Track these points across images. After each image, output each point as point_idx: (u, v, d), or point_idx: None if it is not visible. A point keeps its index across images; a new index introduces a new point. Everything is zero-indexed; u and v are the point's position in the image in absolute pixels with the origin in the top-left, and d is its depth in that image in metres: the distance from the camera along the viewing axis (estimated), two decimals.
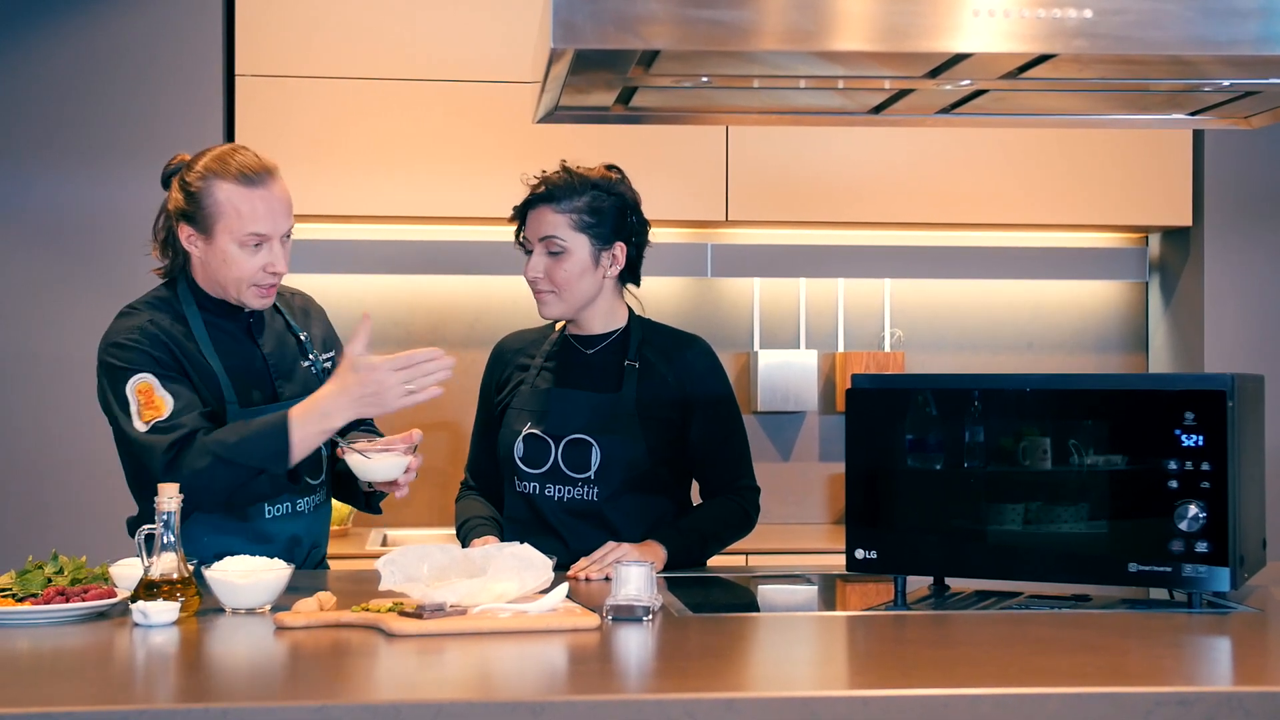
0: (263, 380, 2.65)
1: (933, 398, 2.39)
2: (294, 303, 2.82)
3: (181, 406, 2.51)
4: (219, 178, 2.56)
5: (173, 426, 2.47)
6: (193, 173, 2.58)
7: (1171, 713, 1.71)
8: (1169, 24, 2.15)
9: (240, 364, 2.64)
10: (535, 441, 2.78)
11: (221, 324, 2.65)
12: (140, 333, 2.57)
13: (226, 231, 2.56)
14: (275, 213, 2.58)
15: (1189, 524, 2.21)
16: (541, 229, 2.76)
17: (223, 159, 2.57)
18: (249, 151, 2.60)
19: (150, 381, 2.52)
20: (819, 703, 1.70)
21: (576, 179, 2.76)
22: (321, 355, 2.76)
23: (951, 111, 2.67)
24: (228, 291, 2.61)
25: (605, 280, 2.80)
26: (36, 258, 3.93)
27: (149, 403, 2.50)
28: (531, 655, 1.95)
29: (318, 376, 2.71)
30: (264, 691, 1.78)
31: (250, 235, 2.56)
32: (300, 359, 2.73)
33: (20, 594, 2.23)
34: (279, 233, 2.59)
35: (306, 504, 2.70)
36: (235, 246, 2.56)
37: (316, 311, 2.86)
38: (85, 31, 3.91)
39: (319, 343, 2.79)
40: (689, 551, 2.75)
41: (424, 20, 4.02)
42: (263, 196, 2.56)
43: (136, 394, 2.51)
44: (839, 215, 4.17)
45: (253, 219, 2.56)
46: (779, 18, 2.15)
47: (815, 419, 4.43)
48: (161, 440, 2.47)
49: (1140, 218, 4.25)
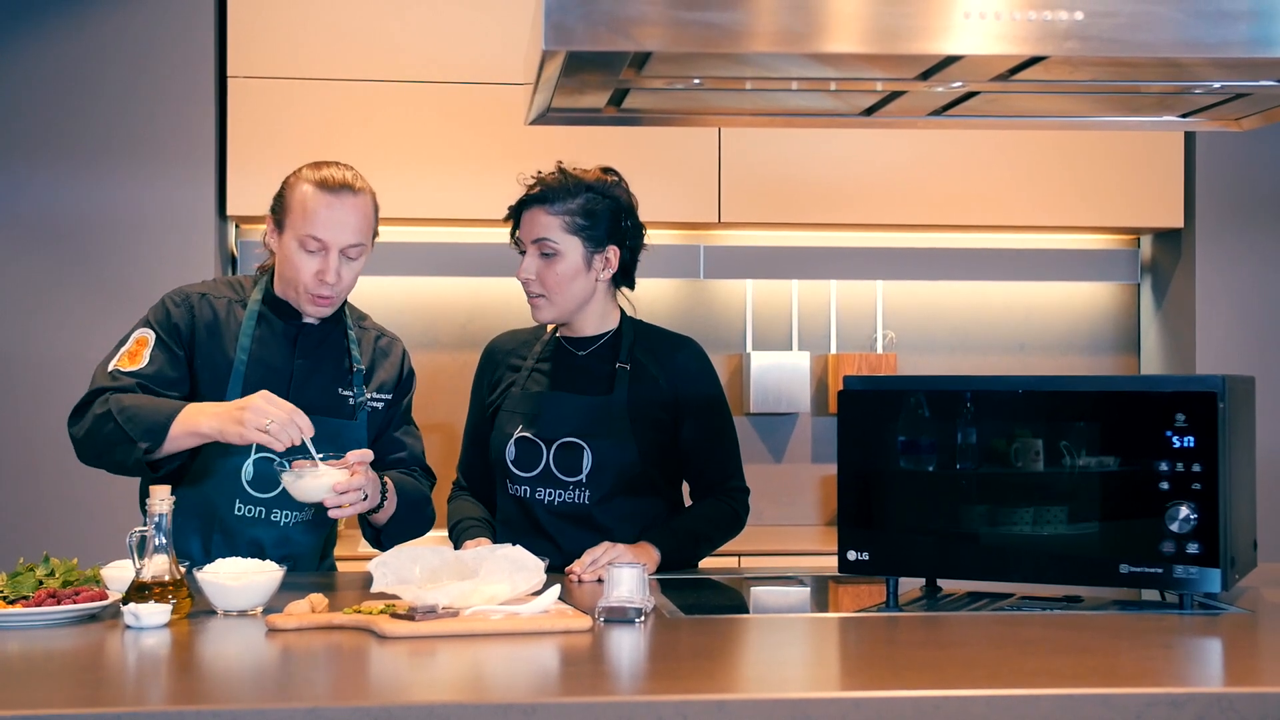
0: (280, 386, 2.64)
1: (925, 399, 2.39)
2: (377, 342, 2.82)
3: (145, 373, 2.59)
4: (305, 180, 2.66)
5: (114, 378, 2.58)
6: (293, 174, 2.70)
7: (1163, 713, 1.71)
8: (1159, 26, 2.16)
9: (265, 363, 2.68)
10: (527, 445, 2.78)
11: (272, 321, 2.72)
12: (184, 301, 2.69)
13: (292, 229, 2.65)
14: (338, 223, 2.63)
15: (1180, 525, 2.21)
16: (535, 230, 2.76)
17: (317, 166, 2.69)
18: (346, 167, 2.69)
19: (149, 338, 2.64)
20: (811, 704, 1.70)
21: (571, 181, 2.76)
22: (373, 393, 2.76)
23: (943, 113, 2.67)
24: (290, 292, 2.69)
25: (598, 284, 2.80)
26: (29, 259, 3.93)
27: (133, 353, 2.62)
28: (523, 657, 1.95)
29: (354, 408, 2.72)
30: (256, 694, 1.78)
31: (308, 238, 2.63)
32: (341, 385, 2.73)
33: (11, 596, 2.22)
34: (338, 243, 2.63)
35: (284, 517, 2.68)
36: (295, 245, 2.64)
37: (395, 358, 2.83)
38: (76, 33, 3.91)
39: (378, 383, 2.77)
40: (681, 552, 2.75)
41: (415, 22, 4.02)
42: (330, 204, 2.63)
43: (134, 340, 2.64)
44: (831, 217, 4.17)
45: (313, 222, 2.62)
46: (771, 20, 2.15)
47: (808, 421, 4.43)
48: (102, 380, 2.58)
49: (1132, 220, 4.26)
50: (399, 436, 2.82)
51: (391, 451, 2.79)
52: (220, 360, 2.66)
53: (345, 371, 2.74)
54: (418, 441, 2.86)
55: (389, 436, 2.80)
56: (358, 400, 2.73)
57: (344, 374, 2.74)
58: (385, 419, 2.79)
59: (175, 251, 3.92)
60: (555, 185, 2.75)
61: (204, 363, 2.66)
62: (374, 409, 2.76)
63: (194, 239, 3.93)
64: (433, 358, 4.27)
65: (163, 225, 3.94)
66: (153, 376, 2.60)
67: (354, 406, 2.72)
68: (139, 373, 2.59)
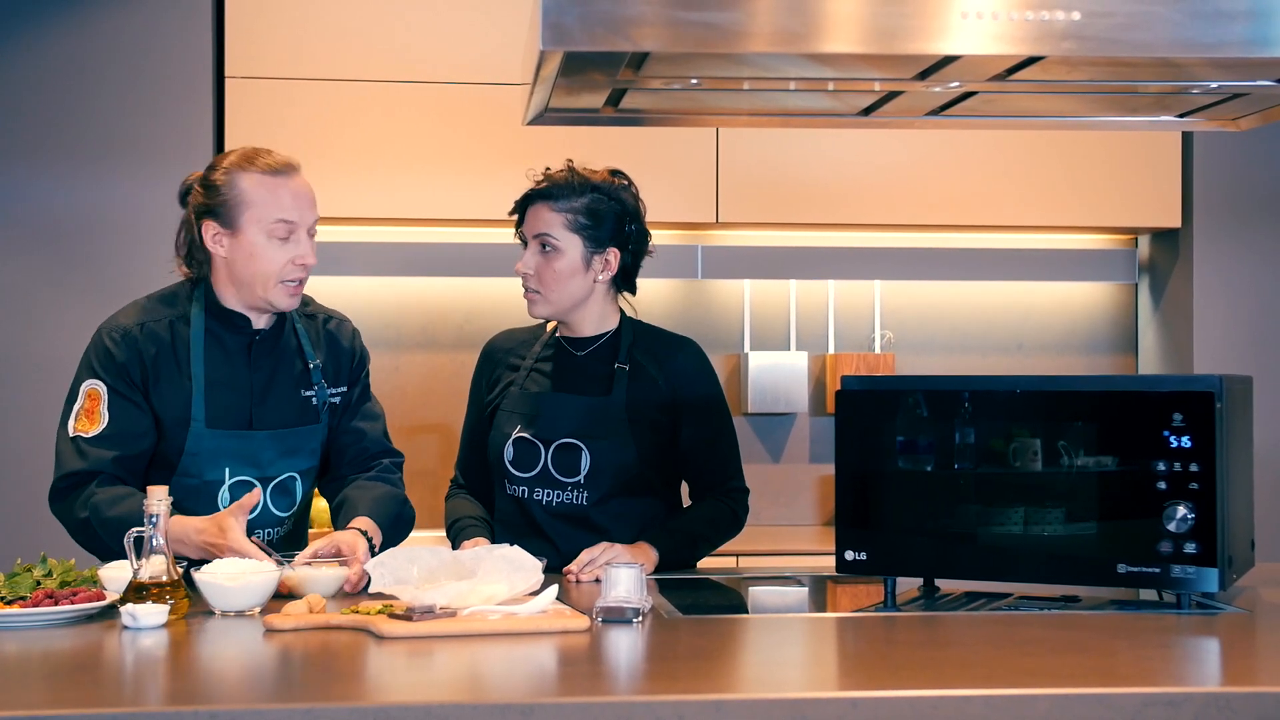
0: (242, 404, 2.63)
1: (923, 399, 2.39)
2: (325, 326, 2.77)
3: (108, 433, 2.55)
4: (244, 171, 2.59)
5: (82, 454, 2.54)
6: (216, 171, 2.62)
7: (1160, 713, 1.71)
8: (1157, 26, 2.16)
9: (224, 382, 2.62)
10: (525, 445, 2.78)
11: (223, 337, 2.65)
12: (124, 338, 2.61)
13: (255, 222, 2.58)
14: (302, 202, 2.61)
15: (1178, 525, 2.21)
16: (537, 226, 2.77)
17: (246, 155, 2.62)
18: (271, 150, 2.64)
19: (100, 391, 2.57)
20: (808, 704, 1.70)
21: (578, 179, 2.76)
22: (331, 389, 2.72)
23: (941, 113, 2.67)
24: (254, 291, 2.60)
25: (596, 284, 2.80)
26: (27, 260, 3.92)
27: (89, 411, 2.56)
28: (521, 657, 1.95)
29: (317, 409, 2.69)
30: (253, 694, 1.78)
31: (279, 223, 2.58)
32: (302, 388, 2.70)
33: (9, 597, 2.22)
34: (306, 223, 2.61)
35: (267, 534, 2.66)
36: (264, 238, 2.58)
37: (346, 338, 2.78)
38: (74, 34, 3.90)
39: (332, 375, 2.73)
40: (679, 552, 2.75)
41: (414, 22, 4.02)
42: (287, 184, 2.60)
43: (85, 396, 2.58)
44: (829, 217, 4.17)
45: (280, 206, 2.58)
46: (768, 20, 2.15)
47: (806, 421, 4.43)
48: (70, 461, 2.55)
49: (1129, 219, 4.26)
50: (356, 425, 2.76)
51: (351, 443, 2.75)
52: (176, 391, 2.60)
53: (302, 372, 2.70)
54: (378, 422, 2.81)
55: (345, 427, 2.75)
56: (320, 400, 2.70)
57: (302, 374, 2.70)
58: (342, 406, 2.75)
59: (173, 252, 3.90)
60: (561, 182, 2.76)
61: (161, 399, 2.59)
62: (333, 404, 2.73)
63: None
64: (430, 358, 4.27)
65: (161, 225, 3.88)
66: (116, 437, 2.55)
67: (317, 407, 2.70)
68: (104, 435, 2.54)
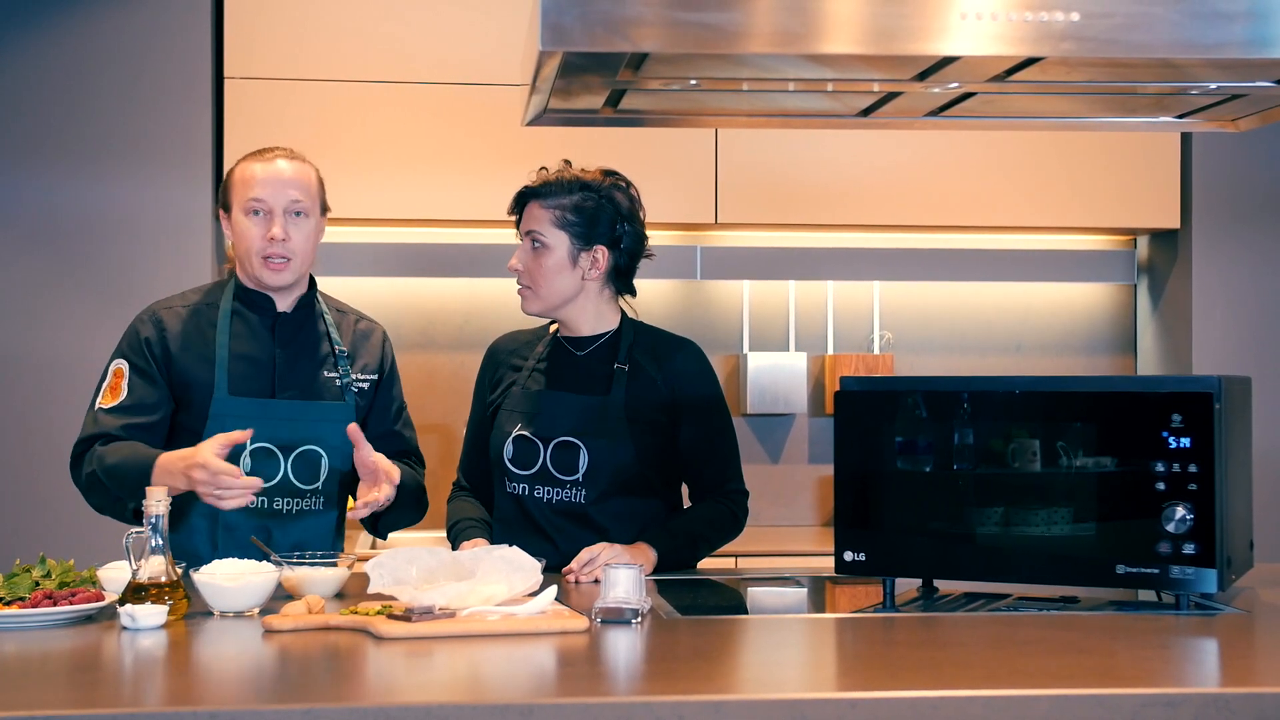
0: (264, 375, 2.75)
1: (921, 400, 2.39)
2: (356, 325, 2.89)
3: (124, 404, 2.70)
4: (241, 162, 2.78)
5: (96, 421, 2.70)
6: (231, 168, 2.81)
7: (1159, 714, 1.71)
8: (1156, 27, 2.16)
9: (245, 357, 2.75)
10: (525, 443, 2.78)
11: (248, 315, 2.79)
12: (151, 318, 2.78)
13: (237, 203, 2.75)
14: (275, 182, 2.73)
15: (1176, 526, 2.21)
16: (528, 223, 2.81)
17: (253, 151, 2.79)
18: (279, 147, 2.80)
19: (124, 369, 2.74)
20: (807, 705, 1.70)
21: (568, 178, 2.79)
22: (358, 375, 2.82)
23: (940, 114, 2.67)
24: (247, 269, 2.76)
25: (586, 282, 2.81)
26: (27, 260, 3.92)
27: (113, 387, 2.73)
28: (520, 658, 1.95)
29: (344, 390, 2.79)
30: (252, 695, 1.78)
31: (251, 201, 2.72)
32: (326, 369, 2.79)
33: (8, 597, 2.22)
34: (279, 201, 2.72)
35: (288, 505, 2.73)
36: (243, 216, 2.74)
37: (376, 342, 2.89)
38: (74, 34, 3.90)
39: (361, 364, 2.84)
40: (678, 553, 2.75)
41: (413, 23, 4.02)
42: (265, 169, 2.74)
43: (112, 373, 2.75)
44: (828, 218, 4.17)
45: (252, 186, 2.72)
46: (767, 21, 2.15)
47: (805, 421, 4.43)
48: (86, 429, 2.71)
49: (1128, 220, 4.26)
50: (400, 430, 2.90)
51: (396, 446, 2.85)
52: (201, 362, 2.73)
53: (327, 355, 2.81)
54: (414, 433, 2.96)
55: (392, 431, 2.87)
56: (344, 382, 2.79)
57: (327, 358, 2.81)
58: (370, 400, 2.84)
59: (173, 252, 3.92)
60: (552, 180, 2.80)
61: (185, 368, 2.73)
62: (360, 389, 2.82)
63: (191, 239, 3.93)
64: (430, 358, 4.27)
65: (160, 225, 3.94)
66: (133, 407, 2.70)
67: (341, 388, 2.79)
68: (120, 406, 2.70)
